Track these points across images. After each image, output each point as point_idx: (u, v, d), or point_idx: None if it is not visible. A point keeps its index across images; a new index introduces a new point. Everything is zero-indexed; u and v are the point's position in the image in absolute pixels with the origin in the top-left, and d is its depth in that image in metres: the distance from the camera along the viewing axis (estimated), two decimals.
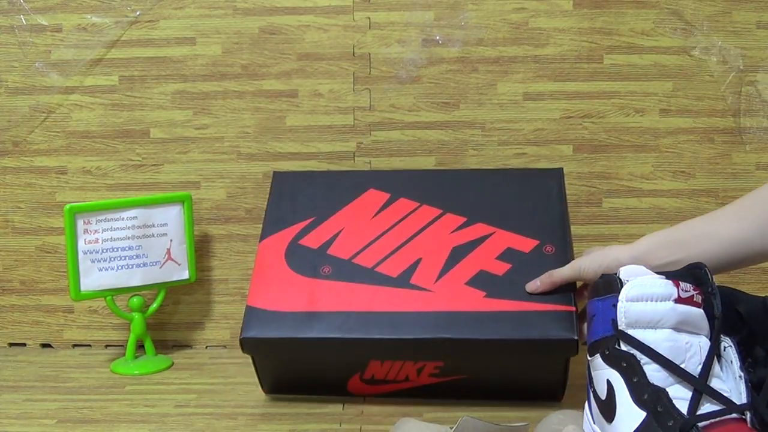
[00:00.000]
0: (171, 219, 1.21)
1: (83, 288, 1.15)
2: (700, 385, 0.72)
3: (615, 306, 0.77)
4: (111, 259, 1.17)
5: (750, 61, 1.22)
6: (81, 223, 1.15)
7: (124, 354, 1.21)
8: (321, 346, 0.98)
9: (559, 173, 1.12)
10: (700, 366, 0.74)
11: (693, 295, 0.76)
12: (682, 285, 0.77)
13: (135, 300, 1.20)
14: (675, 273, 0.81)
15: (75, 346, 1.29)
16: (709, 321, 0.77)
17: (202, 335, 1.28)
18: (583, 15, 1.22)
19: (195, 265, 1.23)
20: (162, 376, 1.15)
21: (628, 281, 0.78)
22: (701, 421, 0.70)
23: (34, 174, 1.28)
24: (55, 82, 1.26)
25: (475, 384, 1.01)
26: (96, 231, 1.16)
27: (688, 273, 0.80)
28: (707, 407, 0.72)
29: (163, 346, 1.27)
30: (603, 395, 0.78)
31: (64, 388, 1.10)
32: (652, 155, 1.24)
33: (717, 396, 0.72)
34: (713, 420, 0.70)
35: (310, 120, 1.26)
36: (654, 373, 0.74)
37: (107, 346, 1.29)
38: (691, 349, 0.75)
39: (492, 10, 1.23)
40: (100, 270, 1.16)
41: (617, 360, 0.76)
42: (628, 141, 1.24)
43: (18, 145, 1.27)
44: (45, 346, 1.29)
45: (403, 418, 0.87)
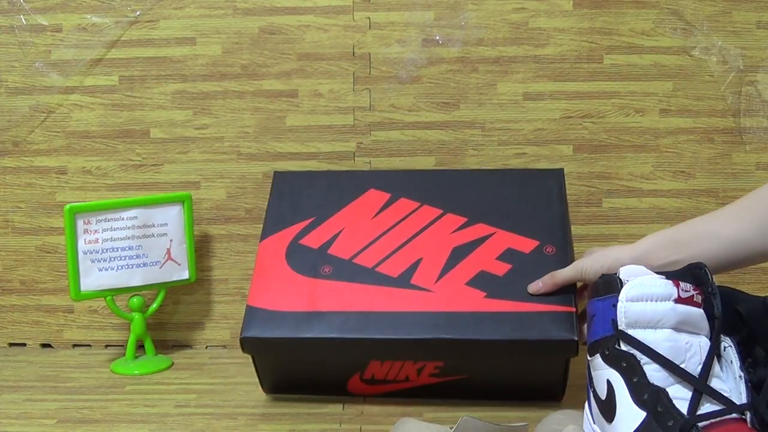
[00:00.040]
0: (171, 219, 1.21)
1: (83, 288, 1.15)
2: (700, 385, 0.72)
3: (615, 306, 0.77)
4: (111, 259, 1.17)
5: (750, 61, 1.22)
6: (81, 223, 1.15)
7: (124, 354, 1.21)
8: (321, 346, 0.98)
9: (560, 173, 1.12)
10: (700, 366, 0.74)
11: (693, 295, 0.76)
12: (682, 285, 0.77)
13: (135, 300, 1.20)
14: (675, 273, 0.81)
15: (75, 346, 1.29)
16: (709, 321, 0.77)
17: (202, 335, 1.28)
18: (583, 15, 1.22)
19: (195, 265, 1.23)
20: (162, 376, 1.15)
21: (628, 281, 0.78)
22: (701, 421, 0.70)
23: (34, 174, 1.28)
24: (55, 82, 1.26)
25: (475, 384, 1.01)
26: (96, 231, 1.16)
27: (688, 273, 0.80)
28: (707, 407, 0.72)
29: (163, 346, 1.27)
30: (603, 395, 0.78)
31: (64, 388, 1.10)
32: (652, 155, 1.24)
33: (717, 396, 0.72)
34: (713, 420, 0.70)
35: (310, 120, 1.26)
36: (654, 373, 0.74)
37: (107, 346, 1.29)
38: (691, 349, 0.75)
39: (492, 10, 1.23)
40: (100, 270, 1.16)
41: (617, 360, 0.76)
42: (628, 141, 1.24)
43: (18, 145, 1.27)
44: (45, 346, 1.29)
45: (403, 418, 0.87)
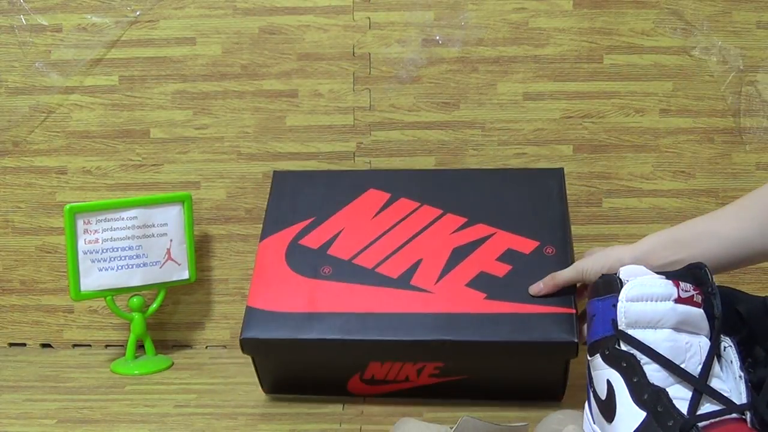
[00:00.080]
0: (171, 219, 1.21)
1: (83, 288, 1.15)
2: (700, 385, 0.72)
3: (615, 306, 0.77)
4: (111, 259, 1.17)
5: (750, 61, 1.22)
6: (81, 223, 1.15)
7: (124, 354, 1.21)
8: (321, 347, 0.98)
9: (560, 173, 1.12)
10: (700, 366, 0.74)
11: (693, 295, 0.76)
12: (682, 285, 0.77)
13: (135, 300, 1.20)
14: (675, 273, 0.81)
15: (75, 346, 1.29)
16: (709, 321, 0.77)
17: (202, 335, 1.28)
18: (583, 15, 1.22)
19: (195, 265, 1.23)
20: (162, 376, 1.15)
21: (628, 281, 0.78)
22: (701, 421, 0.70)
23: (34, 174, 1.28)
24: (55, 82, 1.26)
25: (475, 384, 1.00)
26: (96, 231, 1.16)
27: (688, 273, 0.80)
28: (707, 407, 0.72)
29: (163, 346, 1.26)
30: (603, 395, 0.77)
31: (64, 388, 1.10)
32: (652, 155, 1.24)
33: (717, 396, 0.72)
34: (713, 420, 0.70)
35: (310, 120, 1.26)
36: (654, 373, 0.74)
37: (107, 346, 1.29)
38: (691, 349, 0.75)
39: (492, 10, 1.23)
40: (100, 270, 1.16)
41: (617, 360, 0.76)
42: (628, 141, 1.24)
43: (18, 145, 1.27)
44: (45, 346, 1.29)
45: (403, 418, 0.87)
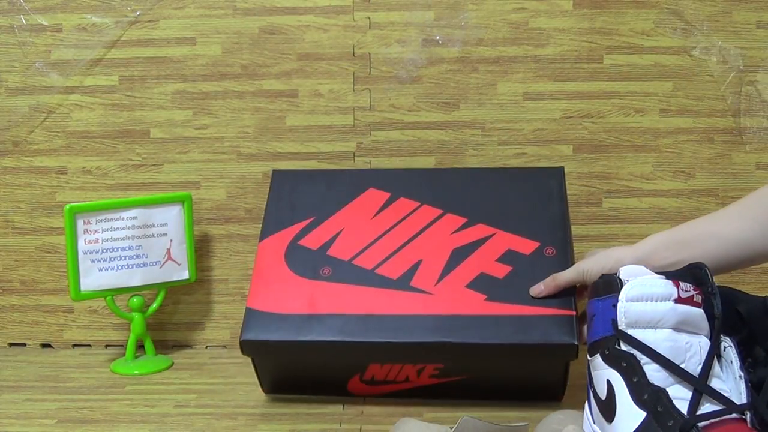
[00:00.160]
0: (171, 219, 1.21)
1: (83, 288, 1.15)
2: (700, 385, 0.72)
3: (615, 306, 0.77)
4: (111, 259, 1.17)
5: (750, 61, 1.22)
6: (81, 223, 1.15)
7: (124, 354, 1.21)
8: (321, 348, 0.98)
9: (560, 172, 1.11)
10: (700, 366, 0.74)
11: (693, 295, 0.76)
12: (682, 285, 0.76)
13: (135, 300, 1.20)
14: (675, 273, 0.81)
15: (75, 346, 1.29)
16: (709, 321, 0.77)
17: (202, 335, 1.28)
18: (583, 15, 1.22)
19: (195, 265, 1.23)
20: (162, 376, 1.15)
21: (628, 281, 0.78)
22: (701, 421, 0.70)
23: (34, 174, 1.28)
24: (55, 82, 1.26)
25: (475, 384, 1.00)
26: (96, 231, 1.16)
27: (688, 273, 0.80)
28: (707, 407, 0.72)
29: (163, 346, 1.26)
30: (603, 395, 0.77)
31: (64, 388, 1.10)
32: (652, 155, 1.24)
33: (717, 396, 0.72)
34: (713, 420, 0.70)
35: (310, 120, 1.26)
36: (654, 373, 0.74)
37: (107, 346, 1.29)
38: (691, 349, 0.75)
39: (492, 10, 1.23)
40: (100, 270, 1.16)
41: (617, 360, 0.76)
42: (628, 141, 1.24)
43: (18, 145, 1.27)
44: (45, 346, 1.29)
45: (403, 418, 0.87)
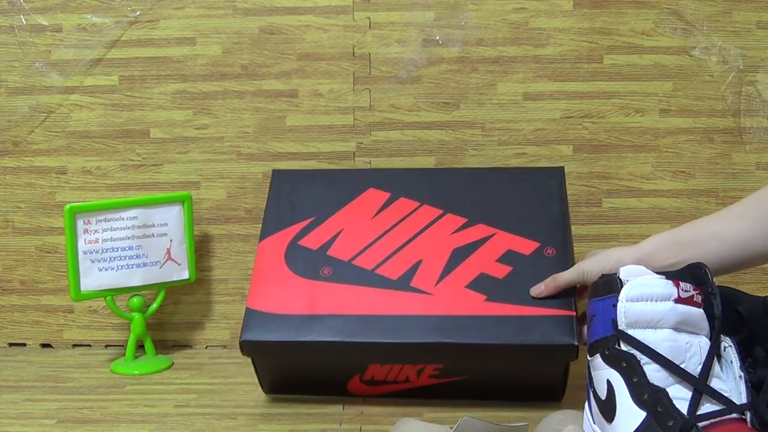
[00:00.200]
0: (171, 219, 1.21)
1: (83, 288, 1.15)
2: (700, 385, 0.72)
3: (615, 306, 0.77)
4: (111, 259, 1.17)
5: (750, 61, 1.22)
6: (81, 223, 1.15)
7: (124, 354, 1.21)
8: (321, 349, 0.98)
9: (560, 172, 1.11)
10: (700, 366, 0.74)
11: (693, 295, 0.76)
12: (682, 285, 0.76)
13: (135, 300, 1.20)
14: (675, 273, 0.81)
15: (75, 346, 1.29)
16: (709, 321, 0.77)
17: (202, 335, 1.28)
18: (583, 15, 1.22)
19: (195, 265, 1.23)
20: (162, 376, 1.15)
21: (628, 281, 0.78)
22: (701, 421, 0.70)
23: (34, 174, 1.28)
24: (55, 82, 1.26)
25: (475, 385, 1.00)
26: (96, 231, 1.16)
27: (688, 273, 0.80)
28: (707, 407, 0.72)
29: (163, 346, 1.27)
30: (603, 395, 0.77)
31: (64, 388, 1.10)
32: (652, 155, 1.24)
33: (717, 396, 0.72)
34: (713, 420, 0.70)
35: (310, 120, 1.26)
36: (654, 373, 0.74)
37: (107, 346, 1.29)
38: (691, 349, 0.75)
39: (492, 10, 1.23)
40: (100, 270, 1.16)
41: (617, 360, 0.76)
42: (628, 141, 1.24)
43: (18, 145, 1.27)
44: (45, 346, 1.29)
45: (403, 418, 0.87)
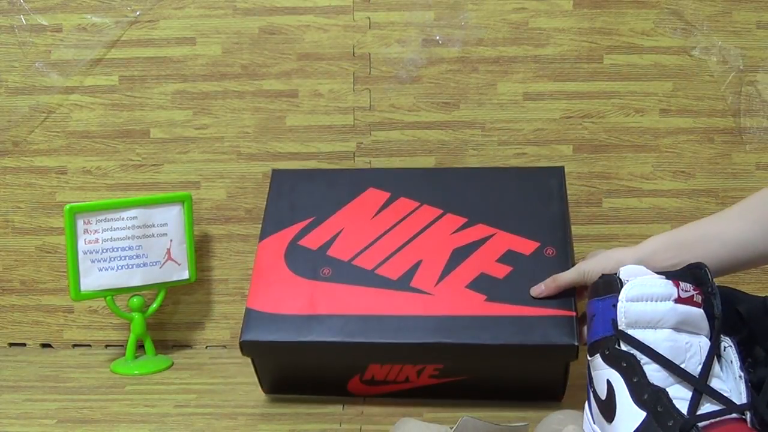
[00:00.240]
0: (171, 219, 1.21)
1: (83, 288, 1.15)
2: (700, 385, 0.72)
3: (615, 306, 0.77)
4: (111, 259, 1.17)
5: (750, 61, 1.22)
6: (81, 223, 1.15)
7: (124, 354, 1.21)
8: (321, 349, 0.98)
9: (560, 172, 1.11)
10: (700, 366, 0.74)
11: (693, 295, 0.76)
12: (682, 285, 0.76)
13: (135, 300, 1.20)
14: (675, 273, 0.81)
15: (75, 346, 1.29)
16: (709, 321, 0.77)
17: (202, 335, 1.28)
18: (583, 15, 1.22)
19: (195, 265, 1.23)
20: (162, 376, 1.15)
21: (628, 281, 0.78)
22: (701, 421, 0.70)
23: (34, 174, 1.28)
24: (55, 82, 1.26)
25: (475, 385, 1.00)
26: (96, 231, 1.16)
27: (688, 273, 0.80)
28: (707, 407, 0.72)
29: (163, 346, 1.27)
30: (603, 395, 0.77)
31: (64, 388, 1.10)
32: (652, 155, 1.24)
33: (717, 396, 0.72)
34: (713, 420, 0.70)
35: (310, 120, 1.26)
36: (654, 373, 0.74)
37: (107, 346, 1.29)
38: (691, 349, 0.75)
39: (492, 10, 1.23)
40: (100, 270, 1.16)
41: (617, 360, 0.76)
42: (628, 141, 1.24)
43: (18, 145, 1.27)
44: (45, 346, 1.29)
45: (403, 418, 0.87)
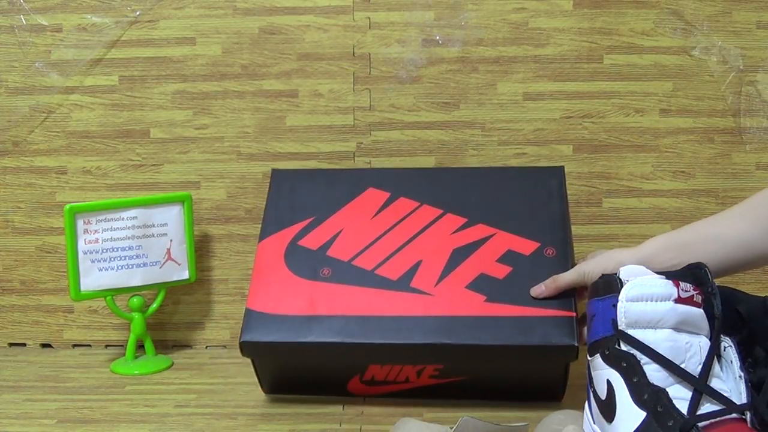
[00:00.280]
0: (171, 219, 1.21)
1: (83, 288, 1.15)
2: (700, 385, 0.72)
3: (615, 306, 0.77)
4: (111, 259, 1.17)
5: (750, 61, 1.22)
6: (81, 223, 1.15)
7: (124, 354, 1.21)
8: (320, 349, 0.98)
9: (560, 171, 1.11)
10: (700, 366, 0.74)
11: (693, 295, 0.76)
12: (682, 285, 0.76)
13: (135, 300, 1.20)
14: (675, 273, 0.81)
15: (75, 346, 1.29)
16: (709, 321, 0.77)
17: (202, 335, 1.28)
18: (583, 15, 1.22)
19: (195, 265, 1.23)
20: (162, 376, 1.15)
21: (628, 281, 0.78)
22: (701, 421, 0.70)
23: (34, 174, 1.28)
24: (55, 82, 1.26)
25: (475, 385, 1.00)
26: (96, 231, 1.16)
27: (688, 273, 0.80)
28: (707, 407, 0.72)
29: (163, 346, 1.27)
30: (603, 395, 0.77)
31: (64, 388, 1.10)
32: (652, 155, 1.24)
33: (717, 396, 0.72)
34: (713, 420, 0.70)
35: (310, 120, 1.26)
36: (654, 373, 0.74)
37: (107, 346, 1.29)
38: (691, 349, 0.75)
39: (492, 10, 1.23)
40: (100, 270, 1.16)
41: (617, 360, 0.76)
42: (628, 141, 1.24)
43: (18, 145, 1.27)
44: (45, 346, 1.29)
45: (403, 418, 0.87)
